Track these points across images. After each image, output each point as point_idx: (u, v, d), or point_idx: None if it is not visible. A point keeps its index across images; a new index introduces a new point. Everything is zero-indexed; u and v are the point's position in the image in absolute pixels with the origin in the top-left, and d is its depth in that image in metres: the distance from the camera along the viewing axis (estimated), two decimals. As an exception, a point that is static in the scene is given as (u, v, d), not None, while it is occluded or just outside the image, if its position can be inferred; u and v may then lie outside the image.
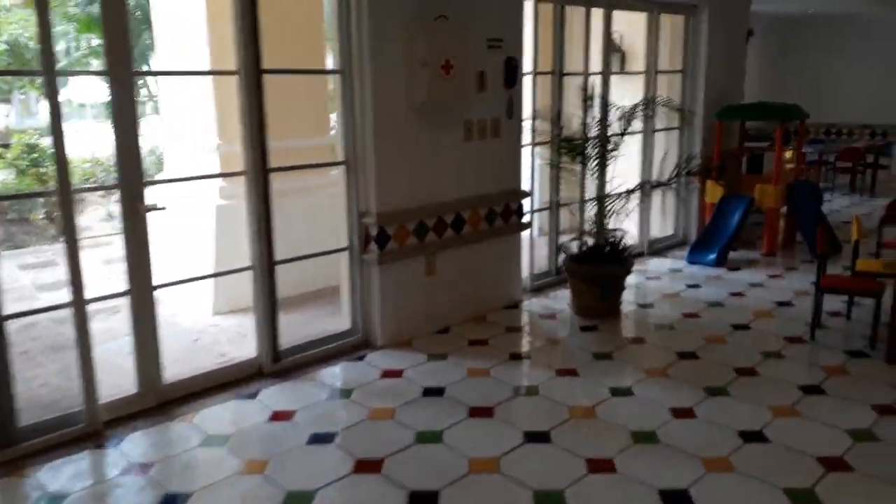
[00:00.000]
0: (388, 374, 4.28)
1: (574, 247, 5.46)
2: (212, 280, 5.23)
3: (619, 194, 5.44)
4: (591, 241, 5.44)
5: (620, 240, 5.47)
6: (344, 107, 4.47)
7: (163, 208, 3.74)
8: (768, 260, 6.98)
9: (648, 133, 7.08)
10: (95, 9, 11.58)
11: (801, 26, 12.52)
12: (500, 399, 3.91)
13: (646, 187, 7.00)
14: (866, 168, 11.09)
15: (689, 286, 6.13)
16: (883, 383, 4.07)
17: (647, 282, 6.35)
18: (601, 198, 5.46)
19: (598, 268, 5.30)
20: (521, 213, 5.57)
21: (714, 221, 7.11)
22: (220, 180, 5.77)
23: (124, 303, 3.81)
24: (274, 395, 4.01)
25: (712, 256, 6.76)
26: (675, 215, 7.71)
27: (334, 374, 4.30)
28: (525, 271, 5.97)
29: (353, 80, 4.42)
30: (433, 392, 4.01)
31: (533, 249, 6.00)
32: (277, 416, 3.75)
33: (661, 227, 7.78)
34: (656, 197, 7.65)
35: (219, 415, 3.80)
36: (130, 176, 3.61)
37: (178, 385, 4.00)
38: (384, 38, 4.39)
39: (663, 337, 4.94)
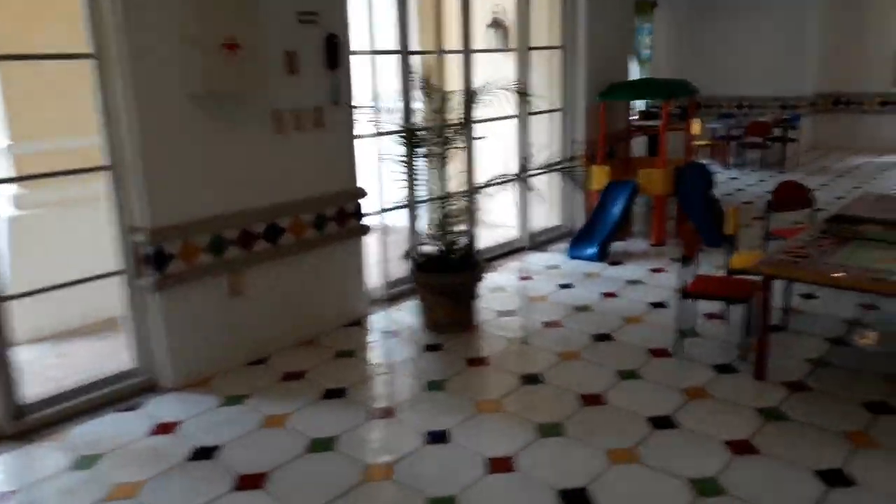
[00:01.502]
0: (160, 428, 3.48)
1: (419, 253, 4.73)
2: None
3: (469, 190, 4.74)
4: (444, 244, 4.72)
5: (470, 244, 4.77)
6: (103, 100, 3.60)
7: None
8: (657, 251, 6.41)
9: (523, 117, 6.40)
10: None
11: (708, -4, 12.03)
12: (284, 460, 3.15)
13: (521, 177, 6.35)
14: (774, 142, 10.71)
15: (562, 286, 5.49)
16: (746, 407, 3.48)
17: (519, 282, 5.68)
18: (443, 197, 4.70)
19: (445, 277, 4.58)
20: (360, 216, 4.81)
21: (597, 211, 6.50)
22: (13, 187, 4.92)
23: None
24: None
25: (592, 250, 6.14)
26: (561, 204, 7.08)
27: (92, 432, 3.47)
28: (377, 279, 5.25)
29: (109, 66, 3.56)
30: (203, 454, 3.22)
31: (387, 253, 5.26)
32: (-12, 502, 2.93)
33: (547, 217, 7.15)
34: (539, 186, 7.03)
35: (-87, 504, 2.95)
36: None
37: None
38: (145, 11, 3.53)
39: (513, 355, 4.28)
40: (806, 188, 5.35)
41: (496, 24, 7.39)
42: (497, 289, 5.47)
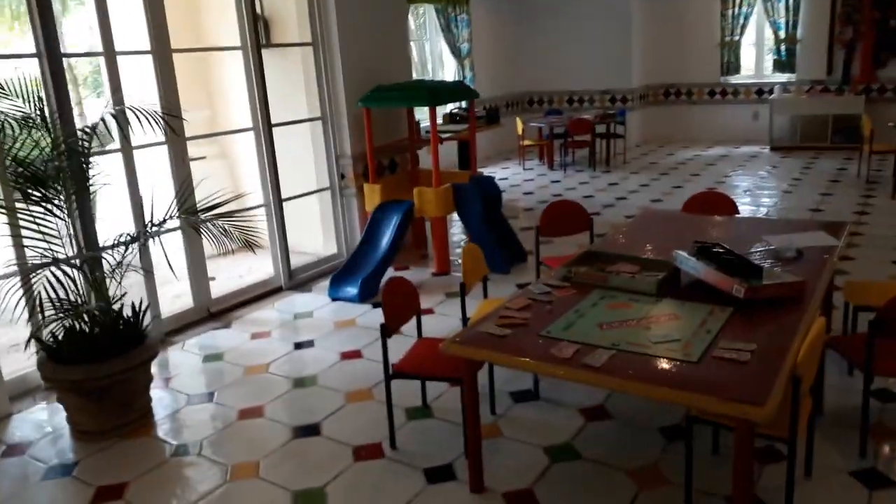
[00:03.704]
0: None
1: (45, 337, 3.43)
2: None
3: (126, 242, 3.50)
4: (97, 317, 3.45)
5: (142, 313, 3.54)
6: None
7: None
8: (438, 282, 5.43)
9: (263, 132, 5.23)
10: None
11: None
12: None
13: (271, 207, 5.22)
14: (597, 139, 10.09)
15: (299, 345, 4.38)
16: (441, 548, 2.49)
17: (247, 343, 4.49)
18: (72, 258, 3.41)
19: (80, 370, 3.31)
20: (-24, 284, 3.47)
21: (364, 239, 5.45)
22: None
23: None
24: None
25: (353, 290, 5.06)
26: (337, 229, 5.99)
27: None
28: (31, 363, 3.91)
29: None
30: None
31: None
32: None
33: (324, 244, 6.05)
34: (311, 209, 5.93)
35: None
36: None
37: None
38: None
39: (164, 478, 3.07)
40: (582, 208, 4.51)
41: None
42: (212, 356, 4.29)
